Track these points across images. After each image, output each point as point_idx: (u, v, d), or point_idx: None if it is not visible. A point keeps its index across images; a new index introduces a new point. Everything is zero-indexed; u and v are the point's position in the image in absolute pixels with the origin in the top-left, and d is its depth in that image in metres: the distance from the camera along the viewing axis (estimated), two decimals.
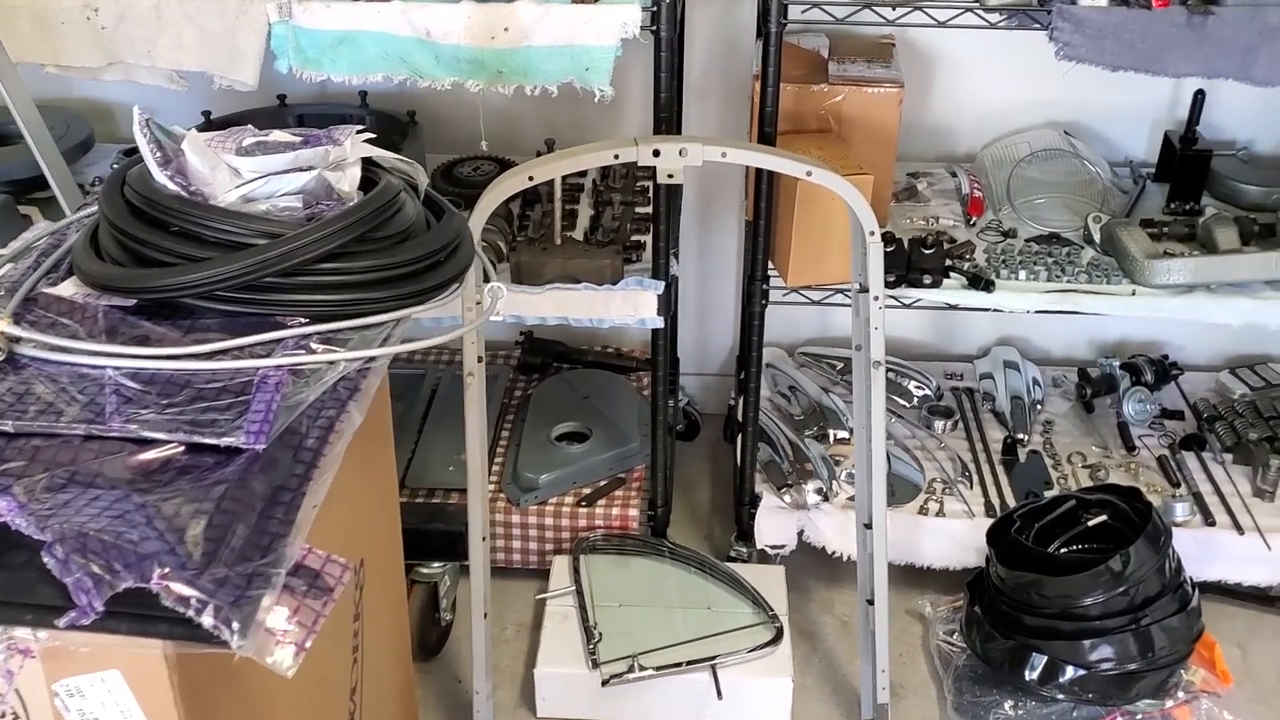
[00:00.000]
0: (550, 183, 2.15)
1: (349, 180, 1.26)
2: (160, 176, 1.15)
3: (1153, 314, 2.05)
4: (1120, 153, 2.55)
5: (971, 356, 2.78)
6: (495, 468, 2.44)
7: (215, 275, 1.09)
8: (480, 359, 1.92)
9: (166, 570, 0.82)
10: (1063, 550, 2.08)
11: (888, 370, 2.70)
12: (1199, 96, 2.34)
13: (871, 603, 1.99)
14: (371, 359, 1.10)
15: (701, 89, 2.52)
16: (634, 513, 2.33)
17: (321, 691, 1.25)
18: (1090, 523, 2.07)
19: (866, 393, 1.89)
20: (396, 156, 1.35)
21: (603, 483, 2.39)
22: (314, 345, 1.09)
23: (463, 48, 1.83)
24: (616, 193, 2.29)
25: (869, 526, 1.96)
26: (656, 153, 1.76)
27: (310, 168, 1.17)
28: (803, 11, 1.85)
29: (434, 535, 2.16)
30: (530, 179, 1.78)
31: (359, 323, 1.14)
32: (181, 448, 0.96)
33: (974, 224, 2.29)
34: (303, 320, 1.13)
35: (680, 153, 1.76)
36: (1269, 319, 2.03)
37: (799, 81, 2.15)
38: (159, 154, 1.16)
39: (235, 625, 0.80)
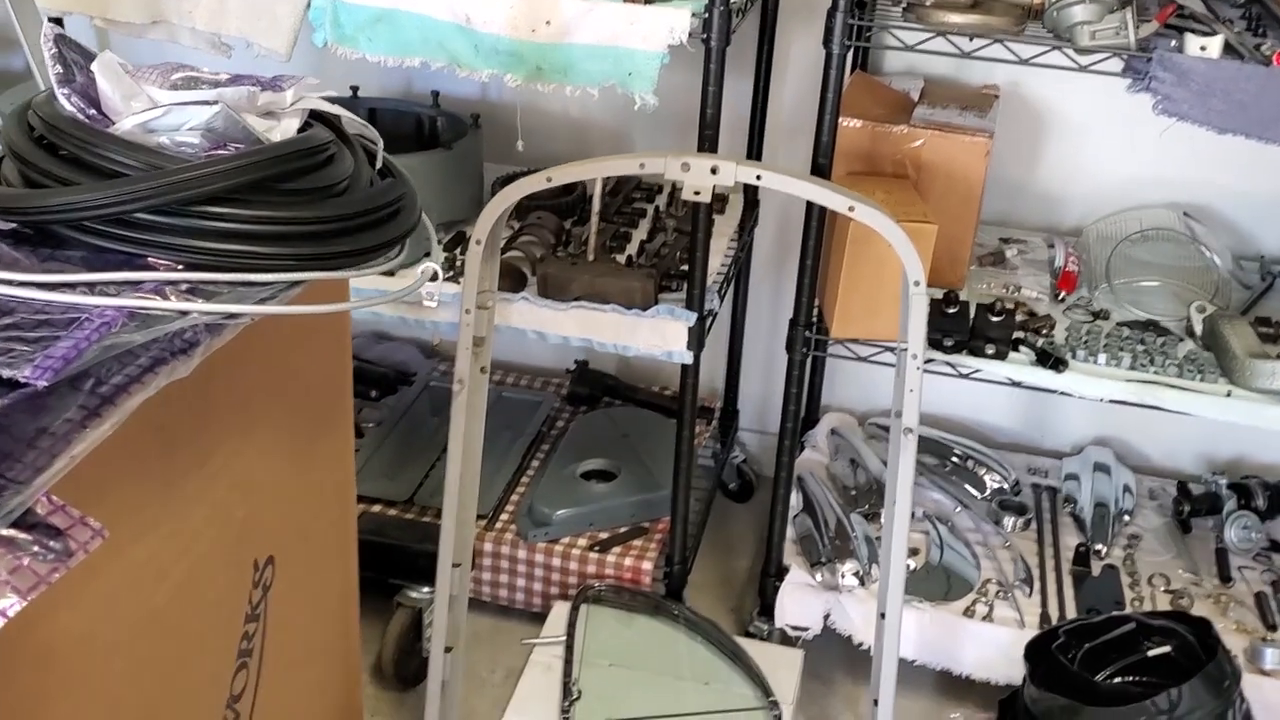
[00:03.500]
0: (590, 197, 2.01)
1: (283, 131, 1.14)
2: (58, 94, 1.06)
3: (1248, 421, 1.77)
4: (1251, 245, 2.27)
5: (1062, 453, 2.51)
6: (515, 496, 2.29)
7: (75, 202, 0.98)
8: (484, 369, 1.79)
9: None
10: (1113, 679, 1.80)
11: (964, 458, 2.47)
12: None
13: (877, 703, 1.75)
14: (231, 316, 0.97)
15: (791, 127, 2.35)
16: (648, 566, 2.14)
17: (167, 685, 1.11)
18: (1151, 653, 1.79)
19: (896, 463, 1.68)
20: (355, 119, 1.23)
21: (622, 529, 2.21)
22: (171, 293, 0.96)
23: (502, 39, 1.72)
24: (674, 219, 2.14)
25: (884, 616, 1.74)
26: (686, 167, 1.61)
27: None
28: (868, 35, 1.67)
29: (424, 557, 2.02)
30: (549, 180, 1.65)
31: (239, 278, 1.01)
32: None
33: (1062, 299, 2.05)
34: (177, 267, 1.01)
35: (712, 170, 1.60)
36: None
37: (877, 120, 1.96)
38: (61, 71, 1.06)
39: None
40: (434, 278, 1.19)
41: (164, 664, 1.09)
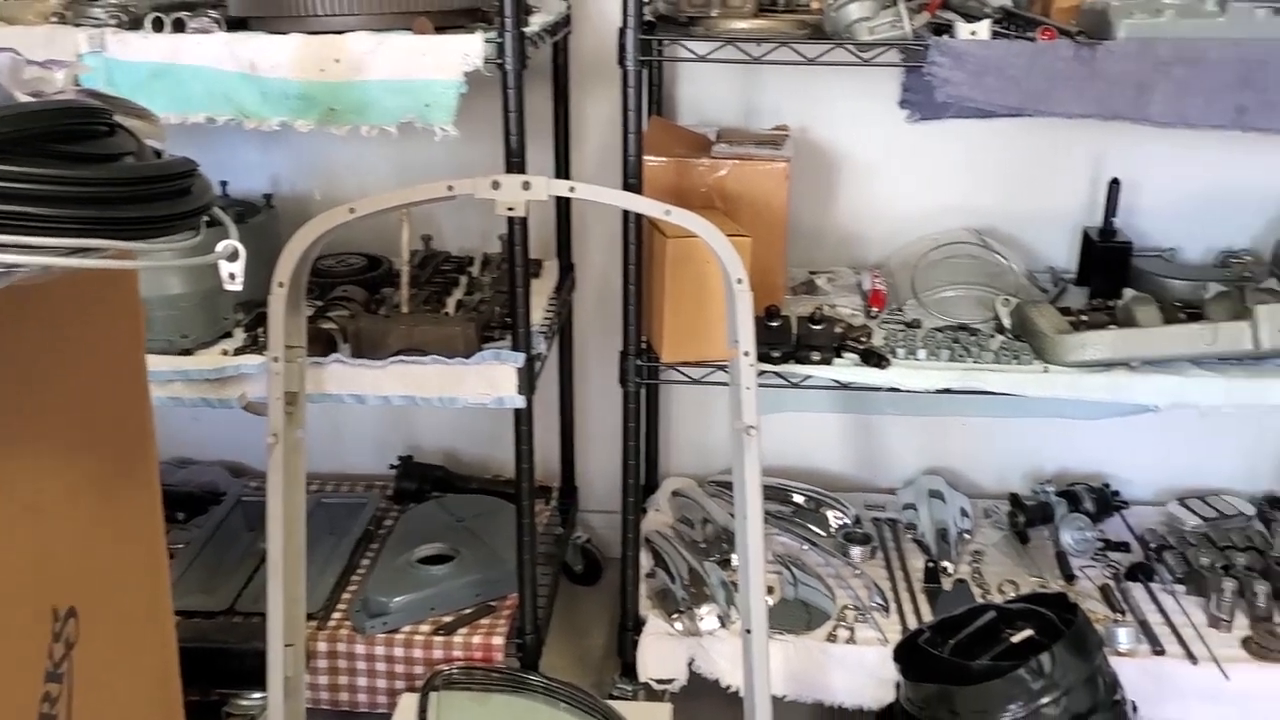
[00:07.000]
0: (397, 272, 1.96)
1: None
2: None
3: (1068, 393, 1.82)
4: (1041, 260, 2.39)
5: (895, 489, 2.53)
6: (347, 595, 2.13)
7: None
8: (301, 435, 1.67)
9: None
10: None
11: (804, 499, 2.46)
12: (1114, 185, 2.20)
13: None
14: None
15: (597, 179, 2.36)
16: (499, 641, 2.01)
17: None
18: (1014, 638, 1.77)
19: (741, 466, 1.64)
20: (134, 105, 1.16)
21: (468, 610, 2.08)
22: None
23: (291, 82, 1.68)
24: (489, 277, 2.10)
25: (750, 632, 1.67)
26: (496, 185, 1.58)
27: None
28: (661, 49, 1.70)
29: (251, 657, 1.84)
30: (352, 211, 1.59)
31: (12, 240, 0.91)
32: None
33: (875, 315, 2.09)
34: None
35: (524, 185, 1.58)
36: (1198, 397, 1.80)
37: (681, 156, 1.99)
38: None
39: None
40: (233, 256, 1.12)
41: None
